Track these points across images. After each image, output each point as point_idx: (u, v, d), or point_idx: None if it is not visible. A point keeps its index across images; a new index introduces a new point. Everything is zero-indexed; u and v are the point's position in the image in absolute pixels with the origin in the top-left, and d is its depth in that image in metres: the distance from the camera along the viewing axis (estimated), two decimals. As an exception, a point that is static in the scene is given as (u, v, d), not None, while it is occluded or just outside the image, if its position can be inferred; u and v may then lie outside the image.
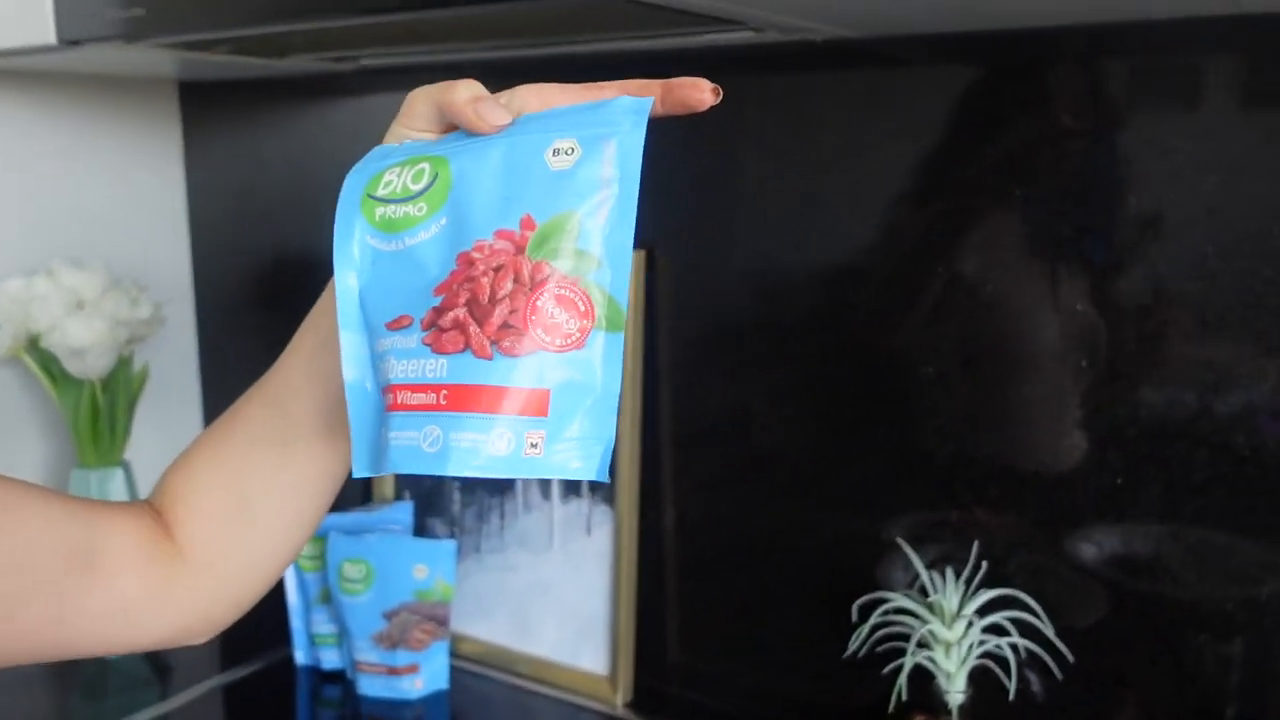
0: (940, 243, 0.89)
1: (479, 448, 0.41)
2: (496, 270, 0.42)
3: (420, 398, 0.43)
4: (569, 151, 0.43)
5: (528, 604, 1.13)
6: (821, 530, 0.98)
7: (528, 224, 0.43)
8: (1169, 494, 0.82)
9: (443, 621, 1.09)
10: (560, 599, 1.10)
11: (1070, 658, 0.85)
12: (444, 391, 0.42)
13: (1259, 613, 0.80)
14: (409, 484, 1.21)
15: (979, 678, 0.84)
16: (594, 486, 1.06)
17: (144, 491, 1.17)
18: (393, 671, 1.07)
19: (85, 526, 0.52)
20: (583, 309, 0.42)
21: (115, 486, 1.15)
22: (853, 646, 0.86)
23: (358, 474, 0.46)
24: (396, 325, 0.45)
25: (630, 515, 1.05)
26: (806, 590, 0.99)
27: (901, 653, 0.84)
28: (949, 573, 0.85)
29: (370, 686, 1.08)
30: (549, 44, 0.92)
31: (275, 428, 0.55)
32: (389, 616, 1.07)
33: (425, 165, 0.45)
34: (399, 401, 0.44)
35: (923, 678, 0.84)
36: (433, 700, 1.08)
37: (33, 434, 1.24)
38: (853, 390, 0.95)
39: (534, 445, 0.42)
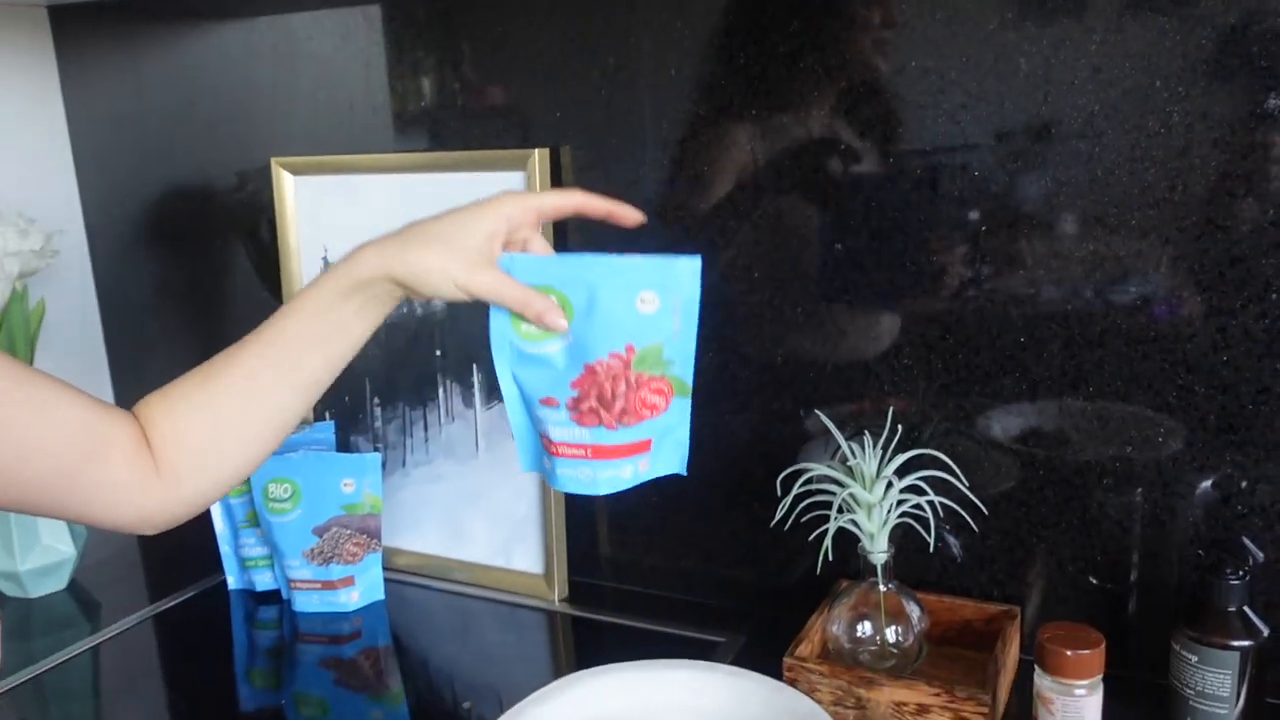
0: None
1: (615, 477, 0.71)
2: (613, 379, 0.69)
3: (575, 451, 0.71)
4: (651, 301, 0.68)
5: (458, 512, 1.14)
6: (743, 427, 1.00)
7: (630, 350, 0.68)
8: (1071, 371, 0.86)
9: (374, 534, 1.09)
10: (490, 505, 1.12)
11: (985, 511, 0.89)
12: (589, 449, 0.70)
13: (1154, 469, 0.85)
14: (329, 403, 1.20)
15: (899, 538, 0.88)
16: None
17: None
18: (328, 585, 1.08)
19: (104, 414, 0.65)
20: (667, 392, 0.70)
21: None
22: (778, 516, 0.88)
23: (526, 469, 0.75)
24: (548, 403, 0.71)
25: (554, 414, 1.06)
26: (730, 479, 1.02)
27: (826, 520, 0.87)
28: (866, 439, 0.87)
29: (306, 603, 1.08)
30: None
31: (268, 380, 0.67)
32: (319, 532, 1.07)
33: (553, 299, 0.69)
34: (559, 450, 0.71)
35: (847, 542, 0.87)
36: (370, 611, 1.09)
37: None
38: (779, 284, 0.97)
39: (644, 467, 0.72)
